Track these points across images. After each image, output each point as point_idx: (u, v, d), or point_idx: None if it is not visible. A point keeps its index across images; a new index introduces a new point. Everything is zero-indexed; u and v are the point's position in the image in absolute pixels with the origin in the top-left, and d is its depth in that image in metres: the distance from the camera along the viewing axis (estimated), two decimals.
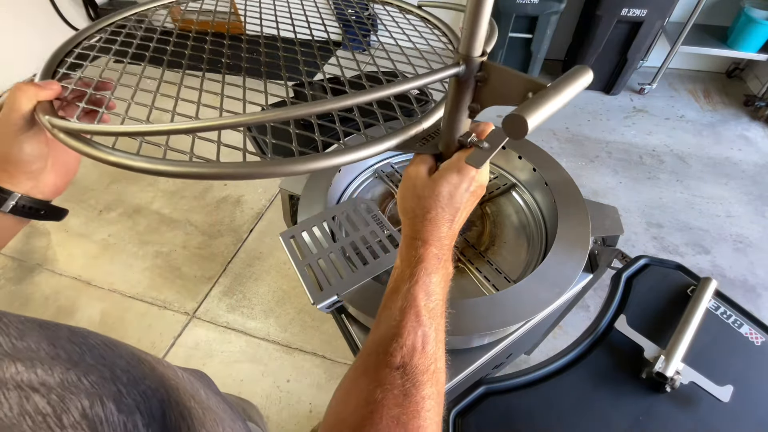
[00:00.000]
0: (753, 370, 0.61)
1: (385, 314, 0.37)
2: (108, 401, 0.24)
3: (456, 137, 0.37)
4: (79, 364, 0.26)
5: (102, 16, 0.62)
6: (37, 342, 0.26)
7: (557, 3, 2.20)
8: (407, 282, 0.36)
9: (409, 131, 0.34)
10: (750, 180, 2.03)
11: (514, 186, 0.98)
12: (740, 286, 1.62)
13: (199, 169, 0.30)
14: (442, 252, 0.37)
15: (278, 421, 1.36)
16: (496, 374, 0.69)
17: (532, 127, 0.27)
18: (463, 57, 0.31)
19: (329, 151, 0.32)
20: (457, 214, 0.38)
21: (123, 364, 0.28)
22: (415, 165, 0.40)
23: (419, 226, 0.38)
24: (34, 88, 0.38)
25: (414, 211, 0.38)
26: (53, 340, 0.27)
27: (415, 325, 0.34)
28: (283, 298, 1.70)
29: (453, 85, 0.33)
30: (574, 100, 1.34)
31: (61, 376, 0.24)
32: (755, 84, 2.52)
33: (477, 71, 0.32)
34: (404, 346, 0.34)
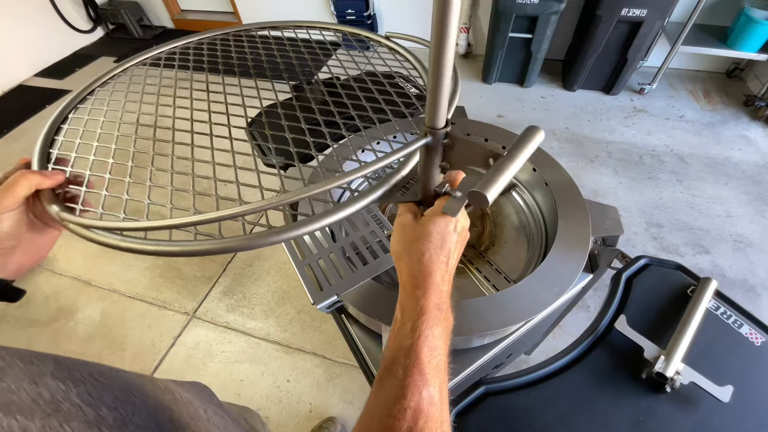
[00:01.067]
0: (753, 370, 0.61)
1: (386, 373, 0.35)
2: None
3: (432, 188, 0.40)
4: (61, 407, 0.24)
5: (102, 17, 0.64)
6: (18, 381, 0.24)
7: (557, 3, 2.20)
8: (410, 337, 0.35)
9: (390, 180, 0.37)
10: (750, 180, 2.03)
11: (514, 186, 0.98)
12: (740, 286, 1.62)
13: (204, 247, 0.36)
14: (442, 301, 0.37)
15: (278, 421, 1.36)
16: (496, 374, 0.69)
17: (491, 199, 0.31)
18: (428, 129, 0.35)
19: (319, 214, 0.36)
20: (450, 256, 0.39)
21: (110, 401, 0.27)
22: (402, 215, 0.42)
23: (416, 271, 0.38)
24: (39, 177, 0.41)
25: (409, 254, 0.39)
26: (36, 378, 0.25)
27: (420, 385, 0.33)
28: (283, 298, 1.70)
29: (423, 150, 0.36)
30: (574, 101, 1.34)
31: (42, 422, 0.22)
32: (755, 84, 2.52)
33: (443, 139, 0.35)
34: (408, 408, 0.32)
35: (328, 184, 0.34)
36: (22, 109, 2.89)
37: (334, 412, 1.36)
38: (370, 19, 3.05)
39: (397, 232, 0.41)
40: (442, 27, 0.28)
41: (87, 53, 3.51)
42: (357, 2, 2.95)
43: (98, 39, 3.70)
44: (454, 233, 0.39)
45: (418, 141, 0.35)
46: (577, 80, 2.58)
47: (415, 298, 0.37)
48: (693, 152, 2.20)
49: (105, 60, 3.41)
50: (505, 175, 0.32)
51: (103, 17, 3.61)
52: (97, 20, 3.60)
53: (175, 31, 3.79)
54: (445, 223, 0.38)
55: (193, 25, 3.74)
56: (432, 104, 0.33)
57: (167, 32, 3.78)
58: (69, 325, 1.66)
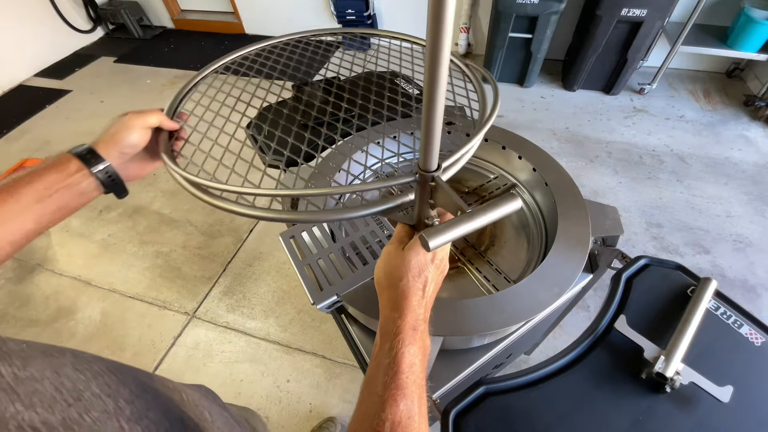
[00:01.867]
0: (753, 370, 0.61)
1: (366, 391, 0.37)
2: None
3: (423, 218, 0.44)
4: (83, 396, 0.25)
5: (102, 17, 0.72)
6: (40, 371, 0.25)
7: (557, 3, 2.20)
8: (387, 356, 0.37)
9: (396, 201, 0.42)
10: (750, 180, 2.03)
11: (514, 186, 0.98)
12: (740, 286, 1.62)
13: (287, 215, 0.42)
14: (418, 323, 0.40)
15: (278, 421, 1.36)
16: (496, 374, 0.69)
17: (432, 247, 0.36)
18: (420, 170, 0.39)
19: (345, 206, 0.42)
20: (427, 284, 0.42)
21: (127, 395, 0.28)
22: (389, 245, 0.45)
23: (393, 295, 0.41)
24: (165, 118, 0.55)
25: (388, 280, 0.42)
26: (57, 368, 0.26)
27: (398, 398, 0.34)
28: (283, 298, 1.70)
29: (416, 185, 0.41)
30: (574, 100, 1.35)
31: (63, 414, 0.23)
32: (755, 84, 2.52)
33: (430, 181, 0.39)
34: (387, 420, 0.33)
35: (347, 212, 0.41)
36: (22, 109, 2.89)
37: (334, 412, 1.36)
38: (370, 19, 3.05)
39: (382, 259, 0.45)
40: (433, 84, 0.31)
41: (87, 53, 3.51)
42: (357, 2, 2.95)
43: (98, 39, 3.70)
44: (431, 264, 0.42)
45: (406, 176, 0.40)
46: (577, 80, 2.58)
47: (392, 320, 0.39)
48: (693, 152, 2.20)
49: (105, 60, 3.41)
50: (456, 230, 0.36)
51: (103, 17, 3.61)
52: (97, 20, 3.60)
53: (175, 31, 3.79)
54: (423, 253, 0.42)
55: (193, 25, 3.74)
56: (424, 150, 0.37)
57: (167, 32, 3.78)
58: (69, 325, 1.66)
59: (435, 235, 0.36)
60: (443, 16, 0.28)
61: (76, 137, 2.61)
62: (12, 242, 0.43)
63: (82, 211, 2.12)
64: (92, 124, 2.73)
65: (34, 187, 0.44)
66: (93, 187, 0.50)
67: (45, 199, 0.45)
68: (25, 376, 0.24)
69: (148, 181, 2.25)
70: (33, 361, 0.25)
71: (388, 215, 0.45)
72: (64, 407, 0.24)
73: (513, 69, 2.66)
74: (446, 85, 0.32)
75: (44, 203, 0.45)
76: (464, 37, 2.93)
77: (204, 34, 3.68)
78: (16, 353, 0.25)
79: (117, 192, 0.53)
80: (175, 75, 3.16)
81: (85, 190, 0.49)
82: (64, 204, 0.47)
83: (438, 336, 0.63)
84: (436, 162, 0.38)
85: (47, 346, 0.28)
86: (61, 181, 0.46)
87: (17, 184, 0.44)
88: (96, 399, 0.26)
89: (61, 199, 0.46)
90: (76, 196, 0.48)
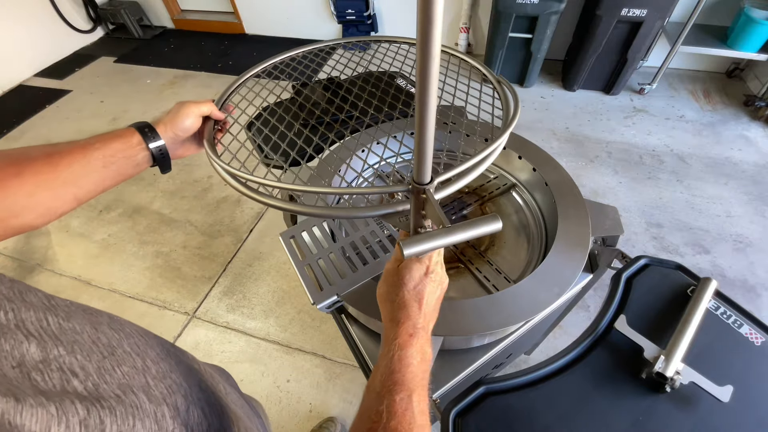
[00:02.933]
0: (753, 370, 0.61)
1: (366, 391, 0.40)
2: (138, 392, 0.27)
3: (417, 226, 0.46)
4: (116, 352, 0.29)
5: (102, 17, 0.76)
6: (81, 324, 0.29)
7: (557, 3, 2.20)
8: (386, 357, 0.40)
9: (397, 206, 0.44)
10: (750, 180, 2.03)
11: (514, 186, 0.98)
12: (740, 286, 1.62)
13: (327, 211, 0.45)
14: (415, 330, 0.42)
15: (278, 421, 1.36)
16: (496, 374, 0.69)
17: (406, 254, 0.38)
18: (413, 182, 0.41)
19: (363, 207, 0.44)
20: (423, 297, 0.44)
21: (154, 356, 0.32)
22: (389, 263, 0.49)
23: (392, 307, 0.44)
24: (215, 109, 0.61)
25: (388, 294, 0.45)
26: (96, 325, 0.30)
27: (393, 392, 0.36)
28: (283, 298, 1.70)
29: (413, 197, 0.43)
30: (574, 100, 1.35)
31: (98, 364, 0.26)
32: (755, 84, 2.52)
33: (421, 193, 0.41)
34: (383, 411, 0.35)
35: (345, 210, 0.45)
36: (22, 109, 2.89)
37: (334, 412, 1.36)
38: (370, 19, 3.05)
39: (382, 277, 0.48)
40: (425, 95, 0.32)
41: (87, 53, 3.51)
42: (357, 2, 2.95)
43: (98, 39, 3.70)
44: (426, 278, 0.45)
45: (397, 186, 0.43)
46: (577, 80, 2.58)
47: (391, 329, 0.42)
48: (693, 152, 2.20)
49: (105, 60, 3.41)
50: (433, 242, 0.38)
51: (103, 17, 3.61)
52: (97, 20, 3.60)
53: (175, 31, 3.79)
54: (416, 269, 0.45)
55: (193, 25, 3.74)
56: (417, 164, 0.39)
57: (167, 32, 3.78)
58: None
59: (411, 244, 0.38)
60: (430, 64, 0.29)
61: (76, 137, 2.60)
62: (77, 198, 0.48)
63: (82, 211, 2.11)
64: (92, 124, 2.73)
65: (102, 152, 0.49)
66: (146, 160, 0.55)
67: (109, 165, 0.50)
68: (68, 327, 0.27)
69: (148, 181, 2.25)
70: (75, 316, 0.29)
71: (388, 219, 0.47)
72: (100, 358, 0.27)
73: (513, 69, 2.66)
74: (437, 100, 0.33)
75: (108, 168, 0.50)
76: (464, 37, 2.93)
77: (204, 34, 3.68)
78: (62, 308, 0.29)
79: (163, 167, 0.58)
80: (175, 75, 3.16)
81: (140, 161, 0.54)
82: (122, 171, 0.52)
83: (438, 336, 0.63)
84: (428, 176, 0.40)
85: (87, 307, 0.32)
86: (123, 151, 0.52)
87: (89, 146, 0.49)
88: (127, 356, 0.29)
89: (121, 166, 0.52)
90: (132, 166, 0.53)
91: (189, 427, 0.30)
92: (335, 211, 0.46)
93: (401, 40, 0.80)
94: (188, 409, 0.31)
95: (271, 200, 0.46)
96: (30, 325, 0.25)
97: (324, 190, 0.46)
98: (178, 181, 2.25)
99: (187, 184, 2.23)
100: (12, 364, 0.22)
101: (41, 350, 0.24)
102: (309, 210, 0.44)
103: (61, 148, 0.47)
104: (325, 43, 0.79)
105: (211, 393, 0.36)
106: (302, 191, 0.46)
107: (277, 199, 0.46)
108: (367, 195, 0.45)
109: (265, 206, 0.53)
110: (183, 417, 0.30)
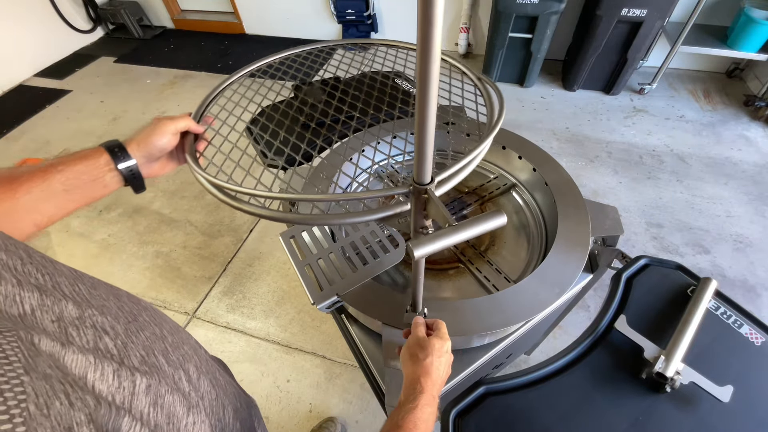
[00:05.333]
0: (753, 370, 0.61)
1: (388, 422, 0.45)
2: (159, 355, 0.30)
3: (417, 227, 0.47)
4: (138, 319, 0.31)
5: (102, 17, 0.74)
6: (106, 294, 0.31)
7: (557, 3, 2.20)
8: (408, 404, 0.46)
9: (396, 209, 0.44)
10: (750, 180, 2.03)
11: (514, 186, 0.98)
12: (740, 286, 1.62)
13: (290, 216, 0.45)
14: (435, 390, 0.49)
15: (278, 421, 1.36)
16: (496, 374, 0.69)
17: (416, 256, 0.39)
18: (413, 182, 0.42)
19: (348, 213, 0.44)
20: (442, 365, 0.51)
21: (168, 328, 0.35)
22: (414, 331, 0.55)
23: (420, 371, 0.50)
24: (193, 122, 0.58)
25: (417, 356, 0.51)
26: (117, 296, 0.32)
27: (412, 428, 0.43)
28: (283, 298, 1.70)
29: (413, 198, 0.44)
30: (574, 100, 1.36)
31: (125, 326, 0.29)
32: (755, 84, 2.52)
33: (423, 193, 0.42)
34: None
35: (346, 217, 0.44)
36: (22, 109, 2.89)
37: (334, 412, 1.36)
38: (370, 19, 3.05)
39: (412, 342, 0.54)
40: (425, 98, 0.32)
41: (87, 53, 3.51)
42: (357, 2, 2.95)
43: (98, 39, 3.70)
44: (447, 353, 0.53)
45: (399, 188, 0.43)
46: (577, 80, 2.58)
47: (416, 385, 0.49)
48: (693, 152, 2.20)
49: (105, 60, 3.40)
50: (441, 241, 0.39)
51: (103, 17, 3.61)
52: (97, 20, 3.60)
53: (175, 31, 3.79)
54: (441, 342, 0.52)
55: (193, 25, 3.74)
56: (418, 163, 0.39)
57: (167, 32, 3.78)
58: None
59: (420, 245, 0.38)
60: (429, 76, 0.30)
61: (76, 137, 2.61)
62: (37, 224, 0.46)
63: (82, 211, 2.11)
64: (92, 124, 2.73)
65: (64, 175, 0.47)
66: (116, 181, 0.53)
67: (72, 189, 0.48)
68: (96, 294, 0.30)
69: (148, 182, 2.24)
70: (99, 286, 0.32)
71: (387, 222, 0.47)
72: (126, 322, 0.30)
73: (513, 69, 2.66)
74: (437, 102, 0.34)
75: (71, 192, 0.48)
76: (464, 37, 2.93)
77: (204, 34, 3.68)
78: (87, 278, 0.32)
79: (135, 188, 0.56)
80: (175, 75, 3.16)
81: (108, 182, 0.52)
82: (88, 193, 0.50)
83: None
84: (429, 176, 0.41)
85: (105, 282, 0.34)
86: (88, 173, 0.49)
87: (51, 169, 0.46)
88: (147, 324, 0.32)
89: (87, 189, 0.50)
90: (99, 188, 0.51)
91: (200, 393, 0.33)
92: (332, 219, 0.45)
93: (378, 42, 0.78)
94: (199, 378, 0.34)
95: (264, 211, 0.44)
96: (65, 288, 0.28)
97: (320, 197, 0.45)
98: (178, 181, 2.25)
99: (187, 184, 2.23)
100: (52, 318, 0.25)
101: (77, 308, 0.27)
102: (304, 219, 0.44)
103: (21, 172, 0.44)
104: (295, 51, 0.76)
105: (213, 375, 0.38)
106: (297, 199, 0.45)
107: (269, 210, 0.44)
108: (364, 200, 0.45)
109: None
110: (195, 383, 0.33)
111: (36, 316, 0.24)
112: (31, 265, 0.27)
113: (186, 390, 0.31)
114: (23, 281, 0.25)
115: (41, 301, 0.25)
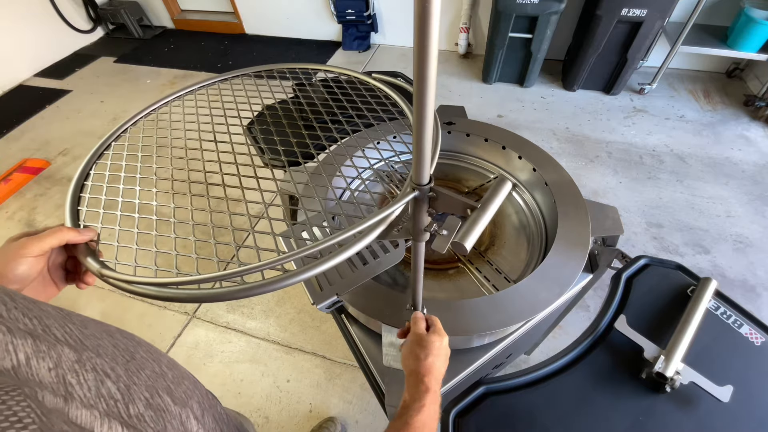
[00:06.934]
0: (753, 370, 0.61)
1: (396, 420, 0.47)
2: (164, 394, 0.28)
3: (422, 228, 0.46)
4: (135, 357, 0.30)
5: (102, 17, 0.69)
6: (99, 333, 0.29)
7: (557, 3, 2.20)
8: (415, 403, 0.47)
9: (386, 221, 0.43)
10: (750, 180, 2.03)
11: (514, 186, 0.98)
12: (740, 286, 1.62)
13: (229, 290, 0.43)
14: (438, 386, 0.50)
15: (278, 421, 1.36)
16: (496, 374, 0.69)
17: (469, 247, 0.39)
18: (415, 185, 0.41)
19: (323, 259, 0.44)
20: (441, 361, 0.53)
21: (165, 363, 0.33)
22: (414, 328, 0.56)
23: (423, 370, 0.51)
24: (73, 233, 0.45)
25: (419, 355, 0.52)
26: (110, 333, 0.30)
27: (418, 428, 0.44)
28: (283, 298, 1.70)
29: (412, 201, 0.43)
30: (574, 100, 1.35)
31: (125, 366, 0.27)
32: (755, 84, 2.52)
33: (428, 192, 0.41)
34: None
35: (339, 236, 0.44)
36: (22, 109, 2.89)
37: (334, 412, 1.36)
38: (370, 19, 3.05)
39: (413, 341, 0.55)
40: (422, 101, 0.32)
41: (87, 53, 3.51)
42: (357, 2, 2.95)
43: (98, 39, 3.70)
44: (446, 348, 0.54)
45: (406, 195, 0.42)
46: (577, 80, 2.58)
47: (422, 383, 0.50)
48: (693, 152, 2.20)
49: (105, 60, 3.40)
50: (479, 224, 0.40)
51: (103, 17, 3.61)
52: (97, 20, 3.60)
53: (175, 31, 3.79)
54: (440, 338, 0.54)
55: (193, 25, 3.74)
56: (417, 165, 0.39)
57: (167, 32, 3.78)
58: None
59: (466, 236, 0.39)
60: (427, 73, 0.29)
61: (76, 137, 2.61)
62: None
63: None
64: (92, 124, 2.72)
65: None
66: None
67: None
68: (88, 333, 0.28)
69: (148, 181, 2.25)
70: (90, 324, 0.30)
71: (384, 238, 0.46)
72: (124, 361, 0.28)
73: (513, 69, 2.66)
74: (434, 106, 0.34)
75: None
76: (464, 37, 2.92)
77: (204, 34, 3.68)
78: (75, 316, 0.29)
79: None
80: (175, 75, 3.16)
81: None
82: None
83: None
84: (428, 176, 0.40)
85: (92, 319, 0.32)
86: None
87: None
88: (145, 361, 0.30)
89: None
90: None
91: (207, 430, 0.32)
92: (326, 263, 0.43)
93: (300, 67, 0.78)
94: (203, 414, 0.33)
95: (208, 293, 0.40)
96: (56, 331, 0.26)
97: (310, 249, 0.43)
98: (178, 180, 2.25)
99: (187, 184, 2.23)
100: (49, 366, 0.23)
101: (74, 352, 0.25)
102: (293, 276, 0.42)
103: None
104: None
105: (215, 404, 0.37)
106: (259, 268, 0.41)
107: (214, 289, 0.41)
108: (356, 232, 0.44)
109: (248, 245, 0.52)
110: (201, 420, 0.31)
111: (31, 366, 0.22)
112: (17, 309, 0.25)
113: (194, 430, 0.30)
114: (12, 328, 0.23)
115: (36, 348, 0.23)
